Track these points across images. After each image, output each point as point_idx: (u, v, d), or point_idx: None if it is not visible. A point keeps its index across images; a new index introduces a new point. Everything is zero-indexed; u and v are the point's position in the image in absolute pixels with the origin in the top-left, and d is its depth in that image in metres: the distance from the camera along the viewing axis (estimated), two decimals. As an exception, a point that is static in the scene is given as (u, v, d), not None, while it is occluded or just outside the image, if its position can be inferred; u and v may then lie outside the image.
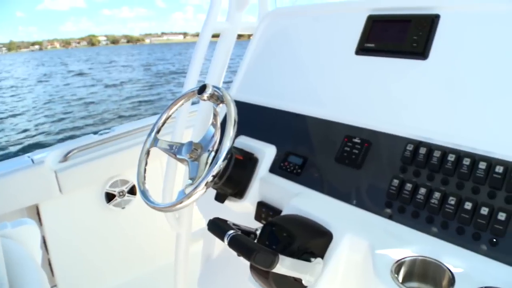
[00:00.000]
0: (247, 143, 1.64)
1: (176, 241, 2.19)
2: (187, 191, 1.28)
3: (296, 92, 1.65)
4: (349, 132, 1.40)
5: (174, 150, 1.46)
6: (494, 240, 1.01)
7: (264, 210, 1.49)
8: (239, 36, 2.17)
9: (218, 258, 2.18)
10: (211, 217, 1.21)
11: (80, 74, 36.84)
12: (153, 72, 35.22)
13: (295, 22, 1.83)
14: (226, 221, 1.18)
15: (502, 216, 1.01)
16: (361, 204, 1.27)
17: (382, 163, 1.29)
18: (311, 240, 1.15)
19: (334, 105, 1.49)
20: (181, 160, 1.44)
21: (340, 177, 1.36)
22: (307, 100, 1.59)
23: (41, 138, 14.45)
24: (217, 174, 1.25)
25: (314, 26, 1.73)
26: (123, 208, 2.87)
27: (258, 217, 1.52)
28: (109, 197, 2.79)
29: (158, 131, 1.55)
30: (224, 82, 2.13)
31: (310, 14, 1.79)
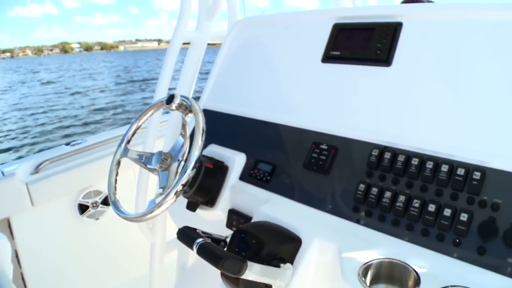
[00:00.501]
0: (217, 151, 1.65)
1: (151, 251, 2.18)
2: (157, 200, 1.29)
3: (265, 100, 1.67)
4: (316, 139, 1.42)
5: (144, 160, 1.46)
6: (457, 240, 1.04)
7: (235, 217, 1.51)
8: (214, 43, 2.19)
9: (192, 267, 2.18)
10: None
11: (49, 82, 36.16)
12: (122, 79, 34.80)
13: (263, 31, 1.86)
14: (195, 229, 1.18)
15: (464, 217, 1.05)
16: (329, 209, 1.29)
17: (349, 168, 1.31)
18: (280, 246, 1.17)
19: (301, 113, 1.52)
20: (151, 170, 1.44)
21: (308, 183, 1.38)
22: (276, 108, 1.61)
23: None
24: (186, 183, 1.26)
25: (282, 35, 1.76)
26: (97, 219, 2.84)
27: (229, 225, 1.53)
28: (82, 208, 2.76)
29: (128, 142, 1.56)
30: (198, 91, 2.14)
31: (279, 23, 1.82)
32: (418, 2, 1.91)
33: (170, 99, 1.38)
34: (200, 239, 1.09)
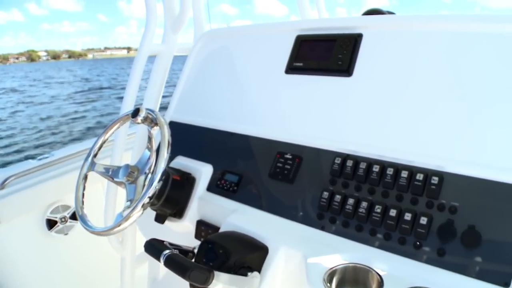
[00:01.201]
0: (185, 163, 1.66)
1: (121, 264, 2.17)
2: (125, 213, 1.29)
3: (231, 111, 1.69)
4: (281, 149, 1.45)
5: (111, 173, 1.46)
6: (418, 243, 1.08)
7: (204, 228, 1.52)
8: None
9: (164, 279, 2.17)
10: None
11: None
12: (87, 88, 34.20)
13: (229, 43, 1.88)
14: (162, 241, 1.19)
15: (424, 220, 1.09)
16: (295, 217, 1.32)
17: (313, 176, 1.35)
18: (247, 255, 1.19)
19: (266, 123, 1.55)
20: (118, 183, 1.44)
21: (274, 192, 1.40)
22: (241, 119, 1.63)
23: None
24: (153, 195, 1.27)
25: (247, 47, 1.79)
26: (65, 234, 2.79)
27: (198, 236, 1.53)
28: (51, 224, 2.71)
29: (95, 155, 1.55)
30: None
31: (244, 35, 1.85)
32: (380, 14, 1.96)
33: (135, 112, 1.39)
34: (167, 251, 1.10)
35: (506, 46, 1.16)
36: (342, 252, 1.15)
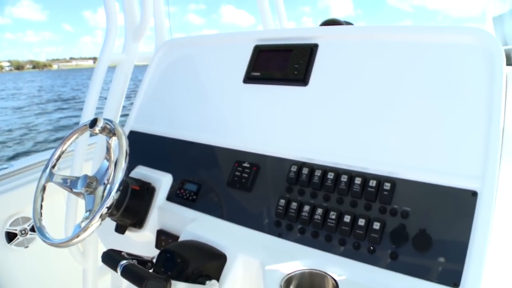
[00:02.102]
0: (145, 173, 1.66)
1: (83, 277, 2.14)
2: (83, 224, 1.28)
3: (190, 120, 1.70)
4: (239, 157, 1.47)
5: (69, 184, 1.45)
6: (372, 247, 1.12)
7: (164, 237, 1.52)
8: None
9: (126, 290, 2.15)
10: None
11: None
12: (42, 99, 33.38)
13: (189, 52, 1.89)
14: (120, 252, 1.19)
15: (377, 225, 1.12)
16: (252, 225, 1.34)
17: (270, 184, 1.37)
18: (205, 264, 1.20)
19: (225, 132, 1.56)
20: (77, 194, 1.43)
21: (232, 201, 1.42)
22: (200, 128, 1.64)
23: None
24: (111, 205, 1.27)
25: (206, 56, 1.80)
26: (26, 247, 2.73)
27: (158, 245, 1.53)
28: (10, 236, 2.64)
29: (53, 166, 1.53)
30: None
31: (203, 44, 1.86)
32: (337, 24, 2.00)
33: (93, 122, 1.38)
34: (124, 261, 1.10)
35: (453, 56, 1.21)
36: (298, 258, 1.18)
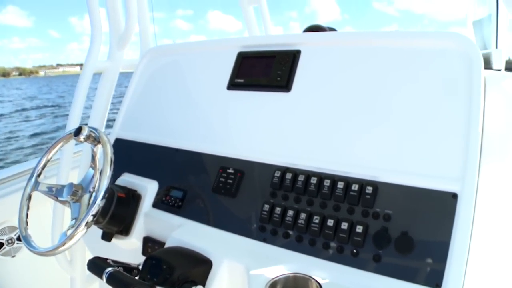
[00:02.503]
0: (131, 180, 1.66)
1: (71, 285, 2.13)
2: (69, 232, 1.28)
3: (175, 127, 1.71)
4: (223, 163, 1.48)
5: (55, 192, 1.45)
6: (355, 251, 1.13)
7: (150, 244, 1.52)
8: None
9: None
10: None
11: None
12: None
13: (174, 59, 1.90)
14: (106, 259, 1.19)
15: (359, 228, 1.14)
16: (237, 230, 1.35)
17: (254, 190, 1.38)
18: (191, 269, 1.20)
19: (209, 139, 1.58)
20: (63, 202, 1.43)
21: (217, 207, 1.43)
22: (185, 135, 1.65)
23: None
24: (97, 213, 1.27)
25: (191, 63, 1.81)
26: (13, 256, 2.71)
27: (145, 252, 1.54)
28: (-4, 246, 2.64)
29: (38, 175, 1.53)
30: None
31: (188, 51, 1.87)
32: (320, 31, 2.02)
33: (78, 131, 1.39)
34: (110, 268, 1.10)
35: (433, 61, 1.24)
36: (283, 262, 1.19)
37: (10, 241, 2.67)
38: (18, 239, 2.70)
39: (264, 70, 1.53)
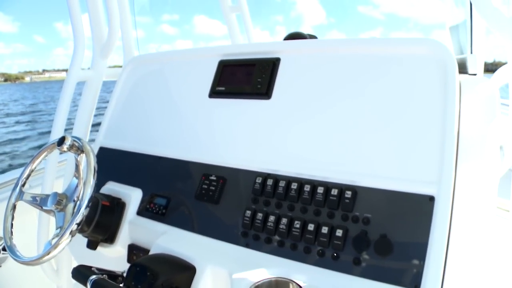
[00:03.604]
0: (115, 188, 1.67)
1: None
2: (54, 241, 1.29)
3: (158, 135, 1.72)
4: (206, 171, 1.50)
5: (39, 202, 1.45)
6: (335, 254, 1.16)
7: (135, 252, 1.53)
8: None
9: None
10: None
11: None
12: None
13: (156, 67, 1.92)
14: (90, 267, 1.21)
15: (339, 232, 1.17)
16: (220, 236, 1.37)
17: (236, 196, 1.40)
18: (175, 276, 1.22)
19: (191, 146, 1.59)
20: (47, 212, 1.44)
21: (200, 213, 1.45)
22: (168, 143, 1.67)
23: None
24: (81, 221, 1.28)
25: (173, 72, 1.83)
26: (-1, 267, 2.70)
27: (130, 260, 1.55)
28: (-18, 256, 2.61)
29: (23, 185, 1.54)
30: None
31: (170, 60, 1.89)
32: (301, 38, 2.04)
33: (61, 141, 1.40)
34: (94, 276, 1.11)
35: (409, 66, 1.27)
36: (266, 267, 1.21)
37: (-5, 252, 2.65)
38: (4, 249, 2.68)
39: (245, 78, 1.56)
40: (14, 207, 1.51)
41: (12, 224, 1.49)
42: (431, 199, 1.09)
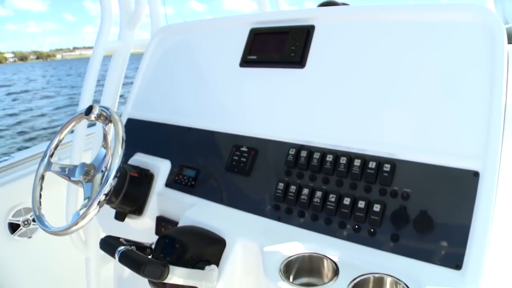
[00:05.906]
0: (143, 159, 1.65)
1: (86, 265, 2.14)
2: (82, 212, 1.28)
3: (187, 106, 1.69)
4: (237, 142, 1.46)
5: (67, 172, 1.44)
6: (372, 230, 1.11)
7: (164, 224, 1.52)
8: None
9: (129, 278, 2.15)
10: None
11: None
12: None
13: (185, 38, 1.87)
14: (118, 238, 1.19)
15: (377, 207, 1.11)
16: (251, 209, 1.33)
17: (268, 168, 1.36)
18: (204, 249, 1.19)
19: (222, 117, 1.55)
20: (75, 182, 1.42)
21: (231, 185, 1.41)
22: (198, 113, 1.64)
23: None
24: (109, 192, 1.26)
25: (202, 41, 1.79)
26: (29, 237, 2.74)
27: (158, 232, 1.54)
28: (13, 227, 2.65)
29: (51, 155, 1.53)
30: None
31: (199, 29, 1.84)
32: (334, 5, 1.98)
33: (88, 110, 1.38)
34: (122, 247, 1.09)
35: (453, 34, 1.19)
36: (298, 242, 1.17)
37: (26, 223, 2.69)
38: (34, 220, 2.72)
39: (278, 46, 1.50)
40: (42, 177, 1.50)
41: (40, 195, 1.49)
42: (475, 174, 1.03)
